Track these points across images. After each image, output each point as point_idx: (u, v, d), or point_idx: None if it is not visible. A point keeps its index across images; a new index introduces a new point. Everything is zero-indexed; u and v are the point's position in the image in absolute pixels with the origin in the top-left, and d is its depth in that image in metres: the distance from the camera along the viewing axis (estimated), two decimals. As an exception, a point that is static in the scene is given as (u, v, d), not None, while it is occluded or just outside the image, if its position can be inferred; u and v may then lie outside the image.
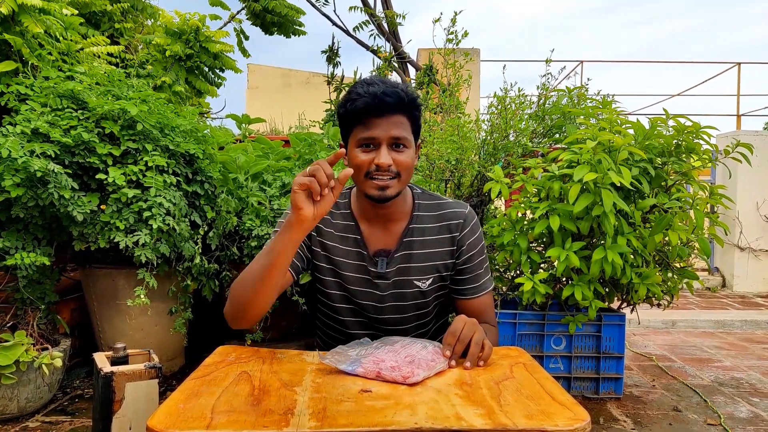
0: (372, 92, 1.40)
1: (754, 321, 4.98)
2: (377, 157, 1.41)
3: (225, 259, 3.00)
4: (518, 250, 2.73)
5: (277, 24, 5.06)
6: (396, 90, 1.42)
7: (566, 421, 0.93)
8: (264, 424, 0.91)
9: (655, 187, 2.74)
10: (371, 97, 1.39)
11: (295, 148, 3.49)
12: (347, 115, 1.46)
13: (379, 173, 1.42)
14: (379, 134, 1.41)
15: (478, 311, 1.55)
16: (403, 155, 1.44)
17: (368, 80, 1.46)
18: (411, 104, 1.45)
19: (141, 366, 1.58)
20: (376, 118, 1.41)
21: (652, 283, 2.69)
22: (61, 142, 2.46)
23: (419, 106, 1.49)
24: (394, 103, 1.40)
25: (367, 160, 1.43)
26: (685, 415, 2.84)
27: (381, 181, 1.43)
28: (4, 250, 2.44)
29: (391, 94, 1.40)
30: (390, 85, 1.43)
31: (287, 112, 8.62)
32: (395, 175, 1.43)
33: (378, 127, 1.41)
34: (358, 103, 1.41)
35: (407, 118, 1.45)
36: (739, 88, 10.20)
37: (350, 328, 1.58)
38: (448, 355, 1.24)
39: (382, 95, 1.39)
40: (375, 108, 1.40)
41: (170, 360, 3.13)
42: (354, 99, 1.42)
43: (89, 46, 3.39)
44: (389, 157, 1.41)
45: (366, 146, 1.44)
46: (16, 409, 2.54)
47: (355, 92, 1.43)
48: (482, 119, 3.59)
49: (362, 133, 1.43)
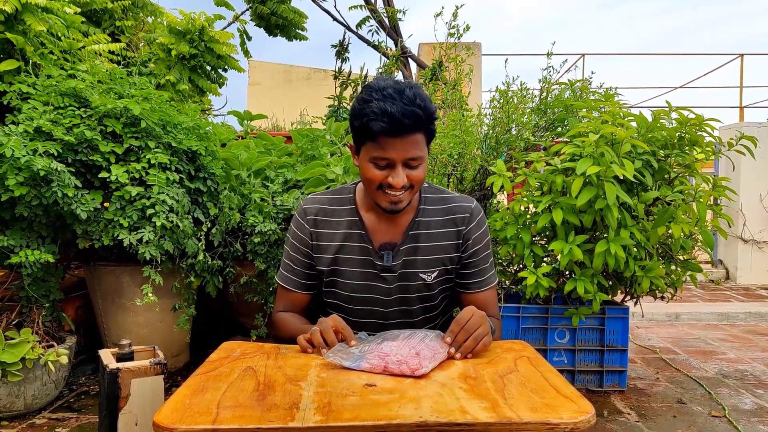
0: (388, 113, 1.31)
1: (758, 313, 4.97)
2: (392, 176, 1.38)
3: (228, 256, 3.01)
4: (521, 243, 2.73)
5: (281, 27, 5.06)
6: (413, 110, 1.33)
7: (571, 414, 0.94)
8: (269, 418, 0.91)
9: (658, 179, 2.73)
10: (388, 120, 1.32)
11: (297, 144, 3.49)
12: (360, 129, 1.39)
13: (393, 190, 1.40)
14: (395, 156, 1.37)
15: (483, 305, 1.55)
16: (417, 171, 1.41)
17: (384, 91, 1.35)
18: (428, 120, 1.38)
19: (146, 362, 1.59)
20: (392, 138, 1.35)
21: (656, 276, 2.69)
22: (63, 141, 2.46)
23: (435, 118, 1.43)
24: (412, 124, 1.34)
25: (381, 176, 1.40)
26: (690, 408, 2.84)
27: (394, 197, 1.41)
28: (8, 249, 2.45)
29: (409, 116, 1.32)
30: (407, 101, 1.33)
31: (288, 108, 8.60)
32: (408, 188, 1.42)
33: (393, 148, 1.36)
34: (373, 125, 1.33)
35: (424, 134, 1.40)
36: (742, 79, 10.16)
37: (357, 323, 1.58)
38: (449, 341, 1.25)
39: (401, 117, 1.32)
40: (391, 130, 1.34)
41: (175, 356, 3.14)
42: (370, 117, 1.34)
43: (91, 44, 3.38)
44: (404, 177, 1.39)
45: (379, 163, 1.39)
46: (22, 406, 2.56)
47: (370, 109, 1.34)
48: (484, 113, 3.58)
49: (376, 151, 1.38)
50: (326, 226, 1.56)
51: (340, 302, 1.59)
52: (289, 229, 1.62)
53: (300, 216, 1.59)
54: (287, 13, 4.92)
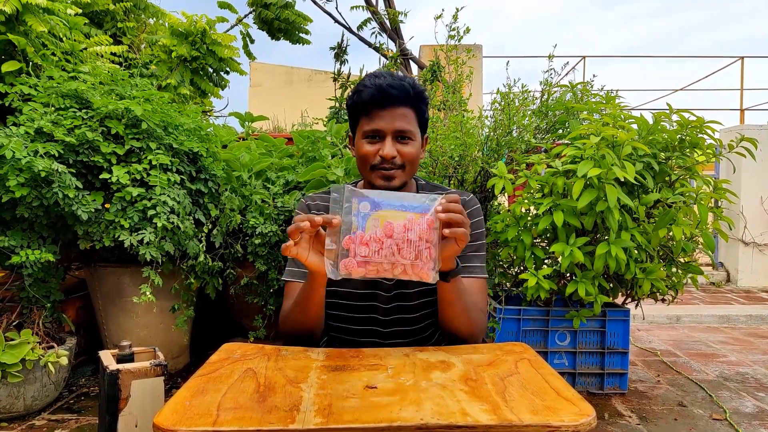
0: (378, 84, 1.42)
1: (759, 316, 4.97)
2: (382, 149, 1.44)
3: (229, 257, 3.01)
4: (522, 246, 2.73)
5: (284, 30, 5.07)
6: (402, 83, 1.43)
7: (571, 417, 0.93)
8: (270, 420, 0.91)
9: (659, 182, 2.73)
10: (376, 89, 1.41)
11: (298, 146, 3.49)
12: (354, 107, 1.49)
13: (384, 165, 1.45)
14: (384, 126, 1.43)
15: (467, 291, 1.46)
16: (407, 147, 1.45)
17: (376, 73, 1.48)
18: (417, 97, 1.46)
19: (146, 364, 1.59)
20: (381, 110, 1.43)
21: (657, 278, 2.68)
22: (65, 142, 2.46)
23: (426, 99, 1.50)
24: (400, 96, 1.42)
25: (372, 151, 1.45)
26: (691, 410, 2.84)
27: (386, 172, 1.45)
28: (9, 249, 2.45)
29: (397, 87, 1.42)
30: (397, 78, 1.44)
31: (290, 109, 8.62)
32: (400, 167, 1.46)
33: (382, 119, 1.43)
34: (364, 94, 1.43)
35: (413, 111, 1.46)
36: (742, 82, 10.15)
37: (357, 325, 1.57)
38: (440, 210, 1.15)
39: (388, 87, 1.41)
40: (380, 100, 1.42)
41: (175, 358, 3.14)
42: (360, 90, 1.45)
43: (92, 46, 3.39)
44: (394, 149, 1.43)
45: (372, 138, 1.46)
46: (22, 408, 2.55)
47: (362, 84, 1.46)
48: (485, 115, 3.58)
49: (367, 125, 1.45)
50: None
51: (339, 301, 1.58)
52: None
53: (303, 210, 1.59)
54: (291, 17, 4.93)
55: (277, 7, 4.82)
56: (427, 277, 1.15)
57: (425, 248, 1.14)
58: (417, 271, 1.15)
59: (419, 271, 1.15)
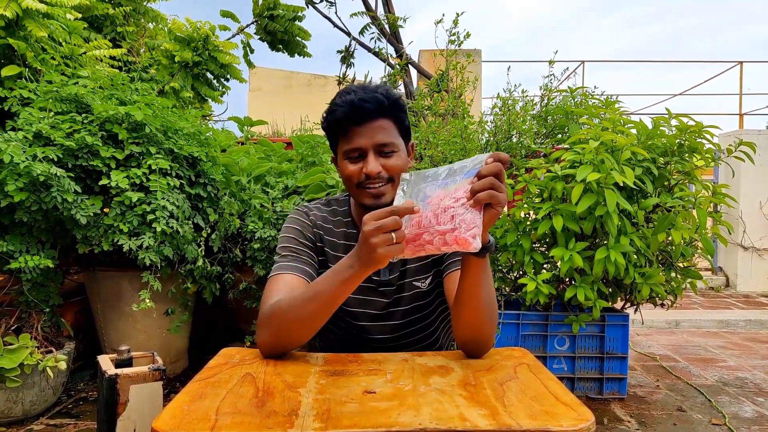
0: (349, 101, 1.35)
1: (758, 320, 4.97)
2: (365, 166, 1.37)
3: (228, 262, 3.01)
4: (521, 250, 2.73)
5: (286, 42, 5.09)
6: (375, 95, 1.36)
7: (570, 422, 0.93)
8: (268, 425, 0.91)
9: (658, 186, 2.73)
10: (348, 106, 1.35)
11: (297, 151, 3.50)
12: (330, 127, 1.42)
13: (371, 181, 1.38)
14: (363, 143, 1.37)
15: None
16: (392, 160, 1.39)
17: (347, 89, 1.40)
18: (393, 106, 1.39)
19: (145, 368, 1.58)
20: (358, 126, 1.36)
21: (656, 283, 2.68)
22: (64, 146, 2.46)
23: (402, 106, 1.44)
24: (374, 109, 1.36)
25: (356, 170, 1.39)
26: (690, 415, 2.84)
27: (374, 189, 1.39)
28: (8, 254, 2.44)
29: (370, 100, 1.35)
30: (369, 90, 1.38)
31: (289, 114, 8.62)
32: (388, 180, 1.40)
33: (361, 135, 1.37)
34: (338, 113, 1.37)
35: (391, 121, 1.40)
36: (741, 87, 10.18)
37: (354, 335, 1.56)
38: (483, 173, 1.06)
39: (360, 102, 1.35)
40: (355, 116, 1.35)
41: (174, 362, 3.13)
42: (333, 110, 1.38)
43: (92, 50, 3.40)
44: (378, 164, 1.37)
45: (352, 157, 1.39)
46: (20, 412, 2.55)
47: (334, 103, 1.39)
48: (485, 120, 3.59)
49: (346, 144, 1.39)
50: (328, 233, 1.54)
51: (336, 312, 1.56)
52: (288, 225, 1.53)
53: (302, 215, 1.54)
54: (296, 31, 4.95)
55: (286, 19, 4.83)
56: (468, 245, 1.02)
57: (463, 212, 1.04)
58: (458, 240, 1.03)
59: (459, 238, 1.03)
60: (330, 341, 1.63)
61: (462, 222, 1.04)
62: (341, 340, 1.58)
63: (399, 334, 1.54)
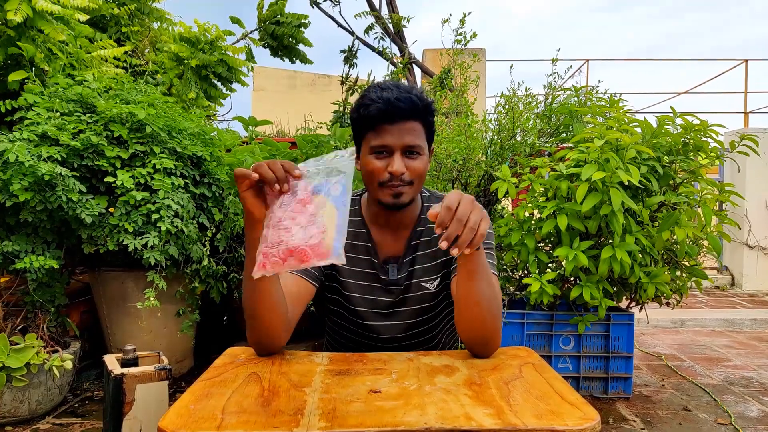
0: (385, 98, 1.35)
1: (764, 320, 4.95)
2: (390, 165, 1.37)
3: (233, 262, 3.01)
4: (526, 250, 2.73)
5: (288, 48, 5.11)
6: (410, 96, 1.37)
7: (576, 421, 0.93)
8: (274, 424, 0.91)
9: (663, 185, 2.73)
10: (384, 103, 1.35)
11: (302, 150, 3.50)
12: (360, 120, 1.42)
13: (393, 181, 1.38)
14: (392, 142, 1.37)
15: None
16: (416, 162, 1.39)
17: (382, 85, 1.41)
18: (425, 110, 1.40)
19: (151, 368, 1.59)
20: (389, 124, 1.36)
21: (661, 282, 2.68)
22: (69, 146, 2.47)
23: (433, 111, 1.44)
24: (408, 110, 1.36)
25: (381, 167, 1.39)
26: (695, 415, 2.83)
27: (395, 189, 1.39)
28: (13, 254, 2.45)
29: (405, 100, 1.35)
30: (404, 90, 1.38)
31: (293, 114, 8.63)
32: (408, 183, 1.40)
33: (391, 134, 1.37)
34: (371, 109, 1.37)
35: (421, 125, 1.41)
36: (746, 85, 10.14)
37: (360, 334, 1.56)
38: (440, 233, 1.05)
39: (396, 101, 1.35)
40: (388, 114, 1.35)
41: (179, 362, 3.14)
42: (367, 104, 1.38)
43: (97, 50, 3.41)
44: (403, 165, 1.37)
45: (379, 153, 1.39)
46: (27, 412, 2.56)
47: (368, 97, 1.39)
48: (489, 119, 3.59)
49: (375, 140, 1.38)
50: None
51: (342, 311, 1.57)
52: None
53: None
54: (300, 37, 4.98)
55: (292, 26, 4.85)
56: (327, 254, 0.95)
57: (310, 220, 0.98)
58: (315, 251, 0.95)
59: (316, 249, 0.95)
60: (336, 342, 1.63)
61: (315, 231, 0.97)
62: (348, 340, 1.58)
63: (406, 335, 1.54)
